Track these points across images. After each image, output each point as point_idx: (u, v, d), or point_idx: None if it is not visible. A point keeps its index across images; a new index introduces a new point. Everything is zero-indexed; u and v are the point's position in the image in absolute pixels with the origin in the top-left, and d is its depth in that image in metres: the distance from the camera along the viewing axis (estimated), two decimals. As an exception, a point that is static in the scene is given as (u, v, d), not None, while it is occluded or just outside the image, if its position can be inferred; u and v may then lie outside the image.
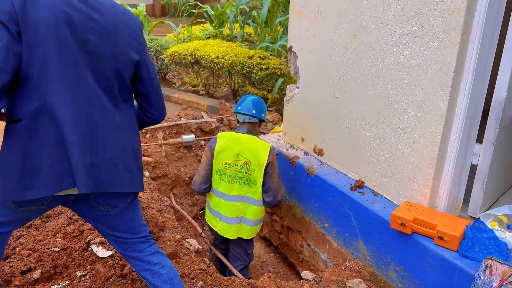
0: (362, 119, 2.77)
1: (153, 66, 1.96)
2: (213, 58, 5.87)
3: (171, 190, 4.25)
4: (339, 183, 2.92)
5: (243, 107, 3.10)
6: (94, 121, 1.68)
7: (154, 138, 4.62)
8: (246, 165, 3.01)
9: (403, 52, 2.39)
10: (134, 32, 1.81)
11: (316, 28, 3.07)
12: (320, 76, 3.09)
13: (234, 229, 3.13)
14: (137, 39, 1.83)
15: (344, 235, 2.88)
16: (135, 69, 1.85)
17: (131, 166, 1.82)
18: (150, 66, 1.92)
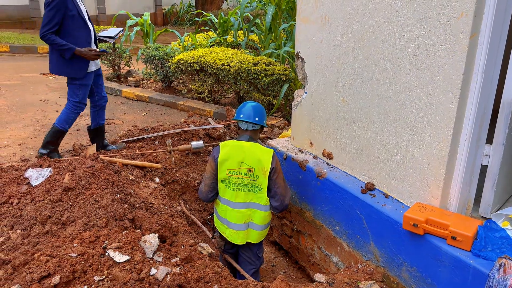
0: (371, 122, 2.81)
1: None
2: (218, 65, 5.92)
3: (180, 196, 4.29)
4: (350, 186, 2.95)
5: (245, 114, 3.14)
6: None
7: (162, 145, 4.67)
8: (250, 172, 3.05)
9: (412, 55, 2.43)
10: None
11: (323, 33, 3.12)
12: (328, 81, 3.13)
13: (242, 235, 3.16)
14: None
15: (356, 237, 2.90)
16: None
17: None
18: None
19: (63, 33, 3.94)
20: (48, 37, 3.86)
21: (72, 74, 4.14)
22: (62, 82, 8.40)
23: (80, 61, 4.07)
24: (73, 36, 3.98)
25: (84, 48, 4.00)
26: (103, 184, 3.02)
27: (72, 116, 4.28)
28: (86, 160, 3.32)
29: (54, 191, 2.95)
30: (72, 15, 3.93)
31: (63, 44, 3.89)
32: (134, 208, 2.93)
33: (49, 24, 3.83)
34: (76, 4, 3.99)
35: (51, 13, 3.82)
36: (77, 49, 3.94)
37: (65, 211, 2.78)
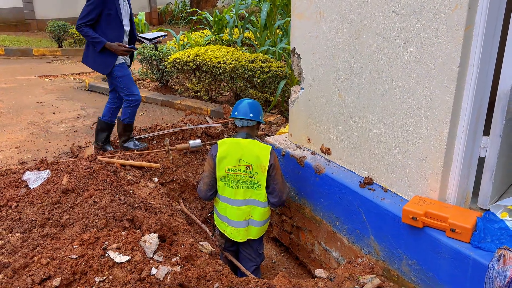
0: (368, 117, 2.81)
1: None
2: (215, 63, 5.91)
3: (180, 195, 4.29)
4: (348, 181, 2.95)
5: (240, 112, 3.15)
6: None
7: (160, 145, 4.67)
8: (249, 169, 3.05)
9: (407, 49, 2.43)
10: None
11: (318, 29, 3.11)
12: (325, 77, 3.13)
13: (243, 232, 3.16)
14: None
15: (355, 232, 2.91)
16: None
17: None
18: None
19: (96, 28, 4.11)
20: (82, 28, 4.05)
21: (97, 68, 4.36)
22: (58, 84, 8.39)
23: (108, 57, 4.17)
24: (105, 33, 4.11)
25: (114, 43, 4.11)
26: (102, 185, 3.02)
27: (129, 110, 4.39)
28: (84, 161, 3.31)
29: (52, 193, 2.95)
30: (108, 14, 4.06)
31: (94, 37, 4.06)
32: (133, 208, 2.92)
33: (85, 18, 4.03)
34: (117, 4, 4.09)
35: (89, 8, 4.01)
36: (107, 43, 4.08)
37: (64, 213, 2.78)
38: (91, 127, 5.63)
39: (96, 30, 4.10)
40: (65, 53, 12.45)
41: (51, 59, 11.67)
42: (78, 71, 9.94)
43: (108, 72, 4.25)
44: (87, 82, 8.00)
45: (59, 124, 5.69)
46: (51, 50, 12.40)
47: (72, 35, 12.95)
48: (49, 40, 13.28)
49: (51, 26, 12.54)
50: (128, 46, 4.18)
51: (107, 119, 4.57)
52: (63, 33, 12.80)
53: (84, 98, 7.22)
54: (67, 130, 5.44)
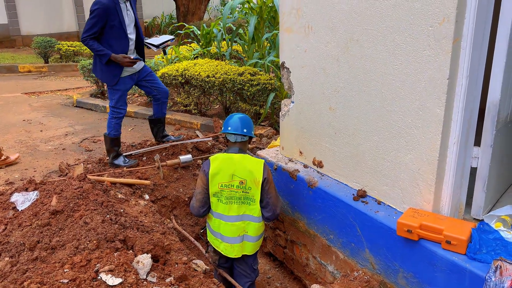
0: (360, 129, 2.81)
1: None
2: (203, 77, 5.90)
3: (171, 212, 4.23)
4: (341, 194, 2.94)
5: (232, 127, 3.14)
6: None
7: (151, 161, 4.62)
8: (242, 185, 3.03)
9: (396, 62, 2.45)
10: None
11: (307, 43, 3.12)
12: (315, 90, 3.13)
13: (237, 248, 3.13)
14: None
15: (350, 245, 2.89)
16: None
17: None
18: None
19: (101, 40, 4.12)
20: (87, 42, 4.06)
21: (104, 79, 4.40)
22: (45, 100, 8.30)
23: (114, 68, 4.18)
24: (109, 44, 4.12)
25: (119, 55, 4.12)
26: (92, 205, 2.97)
27: (113, 122, 4.38)
28: (73, 181, 3.26)
29: (41, 215, 2.89)
30: (112, 25, 4.06)
31: (99, 50, 4.06)
32: (124, 228, 2.87)
33: (89, 31, 4.03)
34: (120, 14, 4.09)
35: (92, 21, 4.01)
36: (112, 55, 4.08)
37: (54, 235, 2.72)
38: (80, 144, 5.56)
39: (101, 42, 4.10)
40: (51, 69, 12.35)
41: (37, 76, 11.56)
42: (65, 87, 9.86)
43: (114, 84, 4.25)
44: (74, 98, 7.92)
45: (47, 142, 5.61)
46: (37, 66, 12.29)
47: (58, 51, 12.88)
48: (35, 56, 13.17)
49: (37, 42, 12.45)
50: (133, 58, 4.17)
51: (157, 115, 4.76)
52: (49, 49, 12.72)
53: (72, 115, 7.14)
54: (55, 148, 5.36)
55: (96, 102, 7.60)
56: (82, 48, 13.15)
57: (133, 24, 4.30)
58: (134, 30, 4.33)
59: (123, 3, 4.13)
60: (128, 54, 4.24)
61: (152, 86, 4.57)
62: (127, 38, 4.20)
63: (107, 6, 3.98)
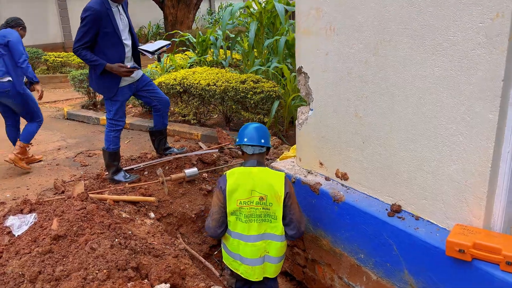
0: (393, 138, 2.57)
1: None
2: (204, 86, 5.64)
3: (177, 230, 3.94)
4: (373, 209, 2.69)
5: (249, 138, 2.89)
6: None
7: (153, 175, 4.33)
8: (263, 200, 2.77)
9: (438, 63, 2.22)
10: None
11: (329, 45, 2.89)
12: (338, 96, 2.90)
13: (259, 270, 2.86)
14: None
15: (385, 265, 2.64)
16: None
17: None
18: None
19: (95, 49, 3.82)
20: (80, 52, 3.75)
21: (101, 91, 4.08)
22: (34, 113, 7.94)
23: (111, 79, 3.90)
24: (104, 53, 3.82)
25: (115, 64, 3.81)
26: (98, 228, 2.67)
27: (112, 135, 4.08)
28: (75, 201, 2.96)
29: (42, 241, 2.58)
30: (105, 32, 3.76)
31: (93, 60, 3.76)
32: (135, 253, 2.58)
33: (81, 41, 3.72)
34: (113, 20, 3.79)
35: (83, 29, 3.71)
36: (107, 65, 3.78)
37: (57, 264, 2.42)
38: (74, 159, 5.24)
39: (96, 51, 3.81)
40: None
41: (24, 88, 11.14)
42: (54, 99, 9.50)
43: (113, 95, 3.96)
44: (65, 110, 7.58)
45: (39, 157, 5.28)
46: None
47: (45, 62, 12.51)
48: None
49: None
50: (130, 66, 3.88)
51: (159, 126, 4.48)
52: (36, 60, 12.36)
53: (63, 128, 6.80)
54: (49, 164, 5.03)
55: (89, 114, 7.28)
56: (69, 59, 12.80)
57: (127, 29, 4.01)
58: (129, 35, 4.04)
59: (115, 7, 3.84)
60: (125, 62, 3.95)
61: (152, 96, 4.29)
62: (122, 45, 3.91)
63: (98, 11, 3.68)
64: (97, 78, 3.90)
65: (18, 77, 4.75)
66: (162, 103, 4.32)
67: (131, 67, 3.88)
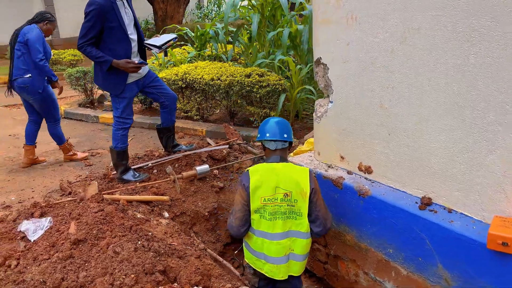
0: (422, 129, 2.49)
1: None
2: (207, 81, 5.52)
3: (191, 229, 3.84)
4: (402, 202, 2.62)
5: (271, 133, 2.79)
6: None
7: (162, 173, 4.22)
8: (287, 197, 2.68)
9: (473, 50, 2.14)
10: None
11: (350, 35, 2.80)
12: (361, 87, 2.81)
13: (284, 269, 2.77)
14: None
15: (417, 260, 2.57)
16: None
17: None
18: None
19: (100, 45, 3.68)
20: (85, 48, 3.61)
21: (107, 88, 3.95)
22: (29, 113, 7.74)
23: (118, 75, 3.77)
24: (110, 49, 3.68)
25: (122, 60, 3.68)
26: (119, 230, 2.56)
27: (119, 133, 3.96)
28: (91, 203, 2.84)
29: (61, 246, 2.47)
30: (111, 27, 3.62)
31: (99, 56, 3.63)
32: (159, 255, 2.48)
33: (85, 37, 3.58)
34: (119, 14, 3.65)
35: (88, 24, 3.56)
36: (114, 61, 3.65)
37: (80, 269, 2.31)
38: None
39: (100, 47, 3.67)
40: (29, 80, 11.69)
41: (16, 87, 10.90)
42: (48, 98, 9.28)
43: (120, 92, 3.83)
44: (62, 109, 7.40)
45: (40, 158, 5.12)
46: (14, 77, 11.62)
47: (35, 60, 12.23)
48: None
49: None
50: (138, 62, 3.74)
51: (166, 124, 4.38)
52: (26, 59, 12.05)
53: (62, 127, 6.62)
54: (51, 165, 4.89)
55: (87, 112, 7.12)
56: (60, 57, 12.55)
57: (133, 24, 3.87)
58: (135, 30, 3.90)
59: (120, 1, 3.70)
60: (131, 57, 3.82)
61: (159, 92, 4.17)
62: (128, 40, 3.78)
63: (103, 5, 3.54)
64: (103, 75, 3.76)
65: (37, 76, 4.63)
66: (169, 99, 4.20)
67: (139, 62, 3.75)
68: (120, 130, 3.92)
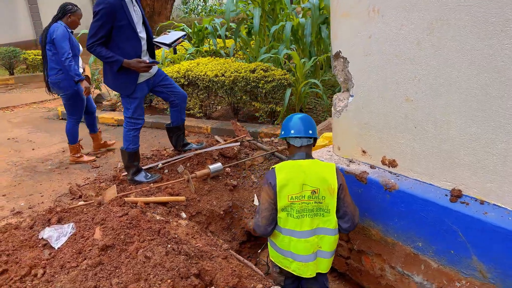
0: (451, 121, 2.47)
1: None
2: (211, 77, 5.44)
3: (207, 228, 3.79)
4: (432, 195, 2.60)
5: (296, 129, 2.75)
6: None
7: (174, 173, 4.15)
8: (315, 194, 2.64)
9: (507, 40, 2.12)
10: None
11: (372, 28, 2.76)
12: (384, 80, 2.77)
13: (312, 267, 2.74)
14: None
15: (449, 253, 2.55)
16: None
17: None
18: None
19: (110, 44, 3.59)
20: (94, 49, 3.52)
21: (118, 89, 3.85)
22: (24, 115, 7.60)
23: (129, 75, 3.68)
24: (119, 48, 3.58)
25: (133, 60, 3.59)
26: (147, 234, 2.50)
27: (131, 134, 3.87)
28: (113, 207, 2.77)
29: (89, 253, 2.40)
30: (120, 25, 3.52)
31: (109, 57, 3.53)
32: (190, 258, 2.43)
33: (95, 37, 3.49)
34: (128, 12, 3.55)
35: (97, 24, 3.47)
36: (125, 61, 3.56)
37: (111, 276, 2.25)
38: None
39: (110, 47, 3.58)
40: (18, 81, 11.50)
41: (5, 89, 10.72)
42: (41, 99, 9.13)
43: (131, 92, 3.74)
44: (59, 110, 7.26)
45: (44, 161, 5.01)
46: (2, 79, 11.43)
47: (25, 61, 12.02)
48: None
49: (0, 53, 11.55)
50: (149, 61, 3.66)
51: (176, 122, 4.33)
52: (14, 59, 11.85)
53: (60, 129, 6.48)
54: (57, 168, 4.78)
55: (85, 112, 6.97)
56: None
57: (141, 22, 3.79)
58: (143, 28, 3.82)
59: None
60: (141, 56, 3.74)
61: (170, 91, 4.09)
62: (138, 38, 3.69)
63: (112, 4, 3.45)
64: (113, 75, 3.67)
65: (69, 74, 4.58)
66: (180, 97, 4.13)
67: (150, 62, 3.67)
68: (131, 131, 3.85)
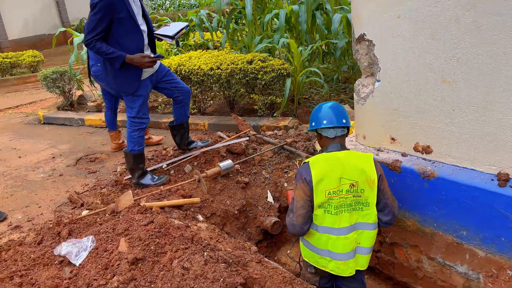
0: (495, 101, 2.33)
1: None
2: (206, 71, 5.19)
3: (222, 229, 3.57)
4: (477, 181, 2.47)
5: (328, 119, 2.57)
6: None
7: (181, 174, 3.91)
8: (354, 187, 2.47)
9: (562, 11, 1.98)
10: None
11: (400, 6, 2.59)
12: (416, 62, 2.62)
13: (352, 264, 2.58)
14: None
15: (498, 240, 2.43)
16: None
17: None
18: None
19: (109, 39, 3.30)
20: (94, 44, 3.23)
21: (119, 87, 3.54)
22: (1, 122, 7.14)
23: (132, 72, 3.41)
24: (119, 43, 3.30)
25: (136, 55, 3.31)
26: (180, 242, 2.28)
27: (136, 134, 3.59)
28: (134, 215, 2.53)
29: (117, 268, 2.15)
30: (120, 18, 3.23)
31: (109, 52, 3.25)
32: (229, 265, 2.22)
33: (94, 31, 3.20)
34: (127, 3, 3.27)
35: (96, 17, 3.18)
36: (127, 56, 3.28)
37: (148, 293, 2.01)
38: (77, 166, 4.68)
39: (109, 42, 3.29)
40: (-15, 87, 10.91)
41: (-28, 96, 10.12)
42: (16, 104, 8.64)
43: (135, 90, 3.47)
44: (40, 114, 6.85)
45: (35, 169, 4.66)
46: (-34, 85, 10.82)
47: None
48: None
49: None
50: (154, 56, 3.39)
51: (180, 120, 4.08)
52: (-20, 64, 11.24)
53: (44, 134, 6.13)
54: (50, 176, 4.45)
55: (69, 115, 6.61)
56: (19, 59, 11.78)
57: (141, 13, 3.51)
58: (144, 20, 3.55)
59: None
60: (144, 51, 3.47)
61: (173, 87, 3.84)
62: (140, 32, 3.42)
63: None
64: (115, 73, 3.39)
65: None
66: (183, 93, 3.88)
67: (155, 56, 3.40)
68: (136, 131, 3.58)
